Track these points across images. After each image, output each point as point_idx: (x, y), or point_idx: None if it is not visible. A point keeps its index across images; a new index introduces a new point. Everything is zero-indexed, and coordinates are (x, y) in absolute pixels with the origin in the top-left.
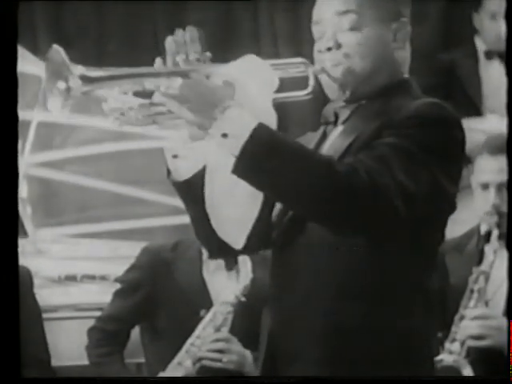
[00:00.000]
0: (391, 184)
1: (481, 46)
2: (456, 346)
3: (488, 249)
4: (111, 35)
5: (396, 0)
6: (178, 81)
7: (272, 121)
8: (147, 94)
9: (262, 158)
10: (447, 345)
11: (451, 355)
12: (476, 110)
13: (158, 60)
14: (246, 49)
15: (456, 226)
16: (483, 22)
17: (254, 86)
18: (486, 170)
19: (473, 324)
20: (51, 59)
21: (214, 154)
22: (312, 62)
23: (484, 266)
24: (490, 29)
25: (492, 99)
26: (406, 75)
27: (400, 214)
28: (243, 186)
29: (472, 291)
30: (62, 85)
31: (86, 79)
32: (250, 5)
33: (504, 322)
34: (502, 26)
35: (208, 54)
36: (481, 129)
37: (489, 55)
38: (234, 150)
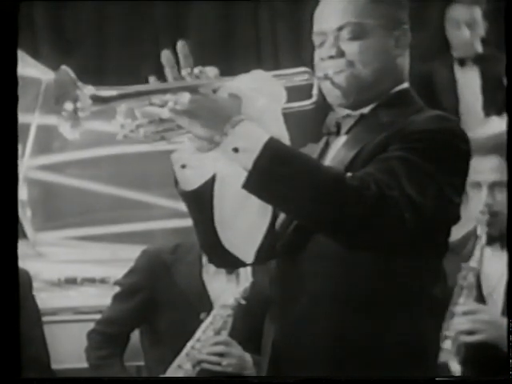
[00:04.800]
0: (400, 197)
1: (454, 54)
2: (448, 344)
3: (478, 245)
4: (111, 37)
5: (396, 8)
6: (186, 96)
7: (283, 135)
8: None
9: (274, 173)
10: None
11: (442, 353)
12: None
13: (152, 78)
14: (246, 56)
15: (453, 229)
16: (450, 31)
17: (263, 102)
18: (478, 170)
19: (462, 319)
20: (59, 79)
21: (224, 167)
22: (312, 69)
23: (472, 263)
24: (457, 36)
25: (468, 104)
26: (407, 82)
27: (408, 226)
28: (253, 199)
29: (461, 288)
30: (69, 106)
31: (96, 99)
32: (250, 12)
33: (497, 315)
34: (467, 33)
35: (214, 68)
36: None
37: (461, 62)
38: (245, 165)
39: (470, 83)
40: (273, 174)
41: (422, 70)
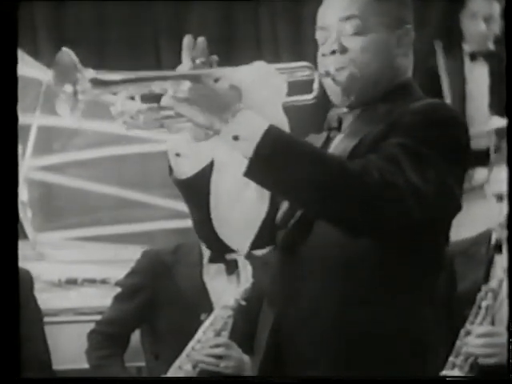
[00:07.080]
0: (403, 183)
1: (466, 47)
2: (460, 361)
3: (499, 266)
4: (111, 38)
5: (400, 7)
6: (187, 84)
7: (284, 127)
8: (154, 98)
9: (275, 160)
10: (451, 358)
11: (454, 369)
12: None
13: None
14: (246, 52)
15: (462, 228)
16: (466, 24)
17: (264, 94)
18: (502, 180)
19: (478, 342)
20: (60, 61)
21: (222, 155)
22: (315, 65)
23: (493, 284)
24: (472, 29)
25: (474, 100)
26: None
27: (413, 214)
28: (250, 189)
29: (479, 307)
30: (69, 88)
31: (96, 82)
32: (251, 8)
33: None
34: (483, 27)
35: (215, 57)
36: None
37: (473, 57)
38: (245, 153)
39: (478, 79)
40: (274, 161)
41: (429, 63)
